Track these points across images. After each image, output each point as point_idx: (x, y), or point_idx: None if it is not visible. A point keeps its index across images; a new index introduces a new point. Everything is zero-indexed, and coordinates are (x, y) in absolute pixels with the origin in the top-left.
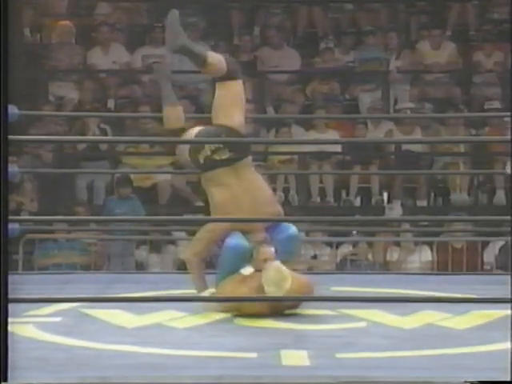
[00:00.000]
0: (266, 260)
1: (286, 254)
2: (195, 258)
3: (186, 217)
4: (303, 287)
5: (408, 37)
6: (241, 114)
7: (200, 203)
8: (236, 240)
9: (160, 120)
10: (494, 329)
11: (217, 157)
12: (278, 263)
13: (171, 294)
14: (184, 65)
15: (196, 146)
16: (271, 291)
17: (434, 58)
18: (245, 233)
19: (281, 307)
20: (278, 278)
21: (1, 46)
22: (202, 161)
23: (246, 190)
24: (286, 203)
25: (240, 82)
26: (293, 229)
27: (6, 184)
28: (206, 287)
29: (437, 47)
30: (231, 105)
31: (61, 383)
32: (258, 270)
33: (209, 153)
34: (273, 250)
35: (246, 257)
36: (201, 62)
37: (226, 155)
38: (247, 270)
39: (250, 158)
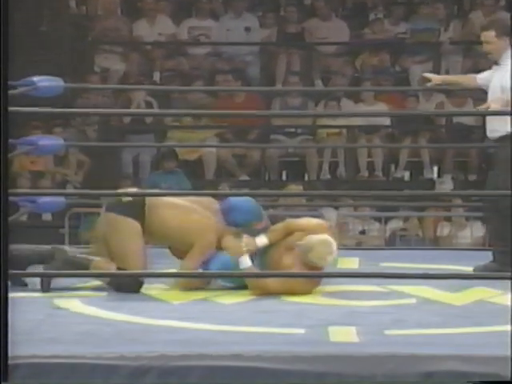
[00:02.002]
0: (255, 246)
1: (245, 220)
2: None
3: (231, 191)
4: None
5: (460, 6)
6: None
7: (245, 177)
8: (221, 260)
9: (207, 93)
10: None
11: None
12: (315, 237)
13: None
14: (230, 37)
15: None
16: (328, 261)
17: None
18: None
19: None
20: (328, 250)
21: (1, 18)
22: None
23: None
24: (333, 177)
25: None
26: (232, 199)
27: (5, 156)
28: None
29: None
30: None
31: (107, 357)
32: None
33: None
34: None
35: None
36: None
37: None
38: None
39: None
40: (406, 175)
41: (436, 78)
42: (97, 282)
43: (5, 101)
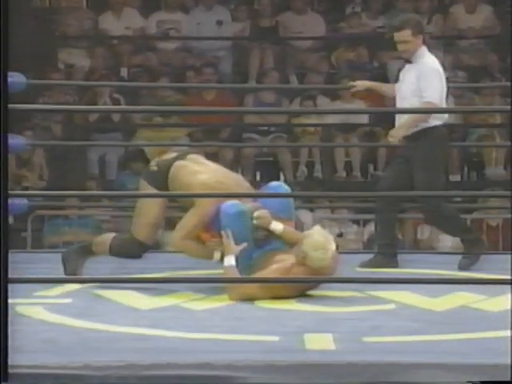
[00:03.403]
0: (268, 224)
1: (283, 212)
2: (186, 241)
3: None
4: (335, 252)
5: (441, 0)
6: None
7: None
8: (235, 207)
9: (177, 90)
10: None
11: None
12: (318, 227)
13: (188, 274)
14: (201, 31)
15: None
16: (317, 255)
17: (469, 22)
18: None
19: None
20: (323, 240)
21: (1, 13)
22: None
23: (218, 169)
24: (309, 178)
25: None
26: (279, 185)
27: (5, 156)
28: (211, 252)
29: (472, 11)
30: None
31: (71, 367)
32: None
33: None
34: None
35: (249, 218)
36: None
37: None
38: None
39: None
40: None
41: (361, 84)
42: (62, 288)
43: (5, 98)
